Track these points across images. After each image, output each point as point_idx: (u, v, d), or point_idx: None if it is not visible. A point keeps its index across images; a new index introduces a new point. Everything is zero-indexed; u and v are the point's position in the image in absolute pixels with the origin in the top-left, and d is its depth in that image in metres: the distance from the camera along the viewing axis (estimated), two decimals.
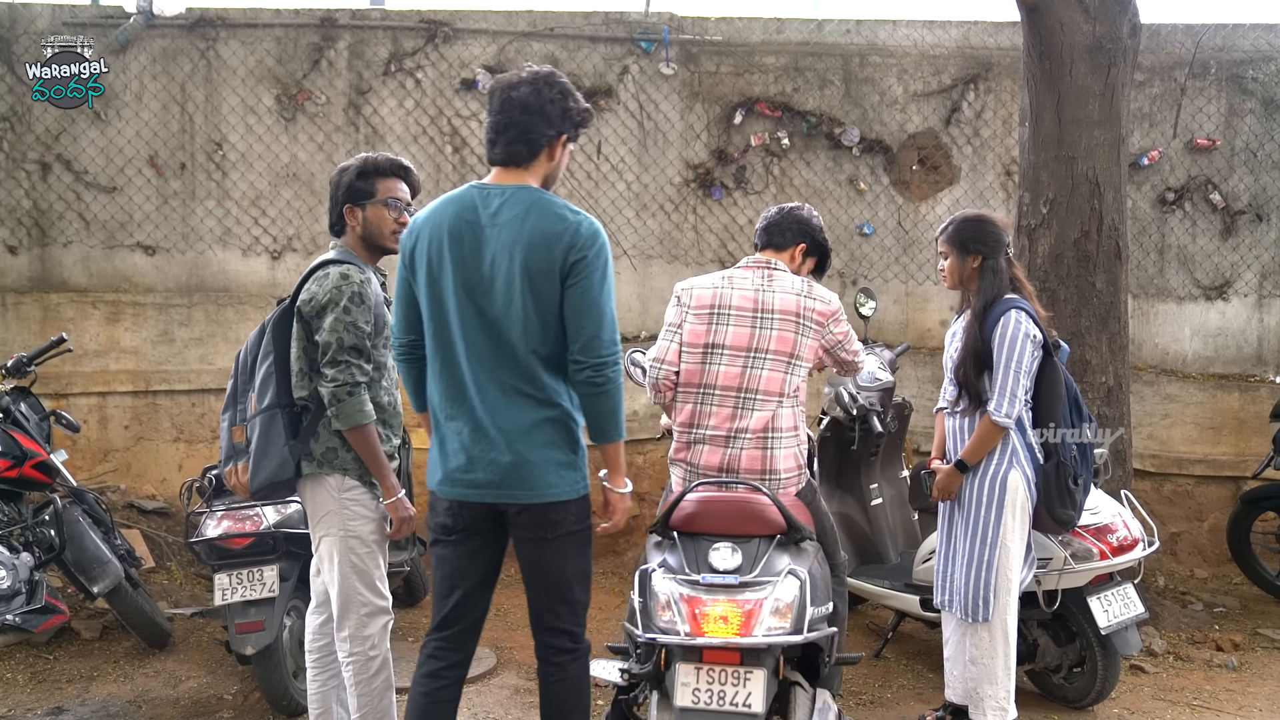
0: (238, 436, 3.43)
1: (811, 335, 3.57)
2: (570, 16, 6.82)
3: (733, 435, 3.49)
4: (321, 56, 6.68)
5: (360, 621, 3.33)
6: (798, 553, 3.17)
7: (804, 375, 3.58)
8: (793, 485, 3.53)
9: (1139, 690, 4.69)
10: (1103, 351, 5.36)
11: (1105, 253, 5.36)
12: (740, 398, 3.51)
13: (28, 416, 4.77)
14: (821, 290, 3.64)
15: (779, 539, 3.16)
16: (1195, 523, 6.71)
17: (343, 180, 3.37)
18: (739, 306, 3.56)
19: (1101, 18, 5.23)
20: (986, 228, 3.90)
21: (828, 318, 3.61)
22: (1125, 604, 4.28)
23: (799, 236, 3.75)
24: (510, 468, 2.87)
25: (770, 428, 3.48)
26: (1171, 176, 7.02)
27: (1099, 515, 4.24)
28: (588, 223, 2.83)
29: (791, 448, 3.53)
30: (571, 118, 2.91)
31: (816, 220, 3.81)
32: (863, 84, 6.95)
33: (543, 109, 2.84)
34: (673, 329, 3.64)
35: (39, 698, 4.48)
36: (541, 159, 2.91)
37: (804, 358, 3.56)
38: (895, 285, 7.03)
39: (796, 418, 3.56)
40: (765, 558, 3.08)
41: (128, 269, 6.64)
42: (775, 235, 3.75)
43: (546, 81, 2.87)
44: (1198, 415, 6.84)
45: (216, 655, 4.90)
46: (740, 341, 3.54)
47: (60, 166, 6.55)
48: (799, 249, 3.74)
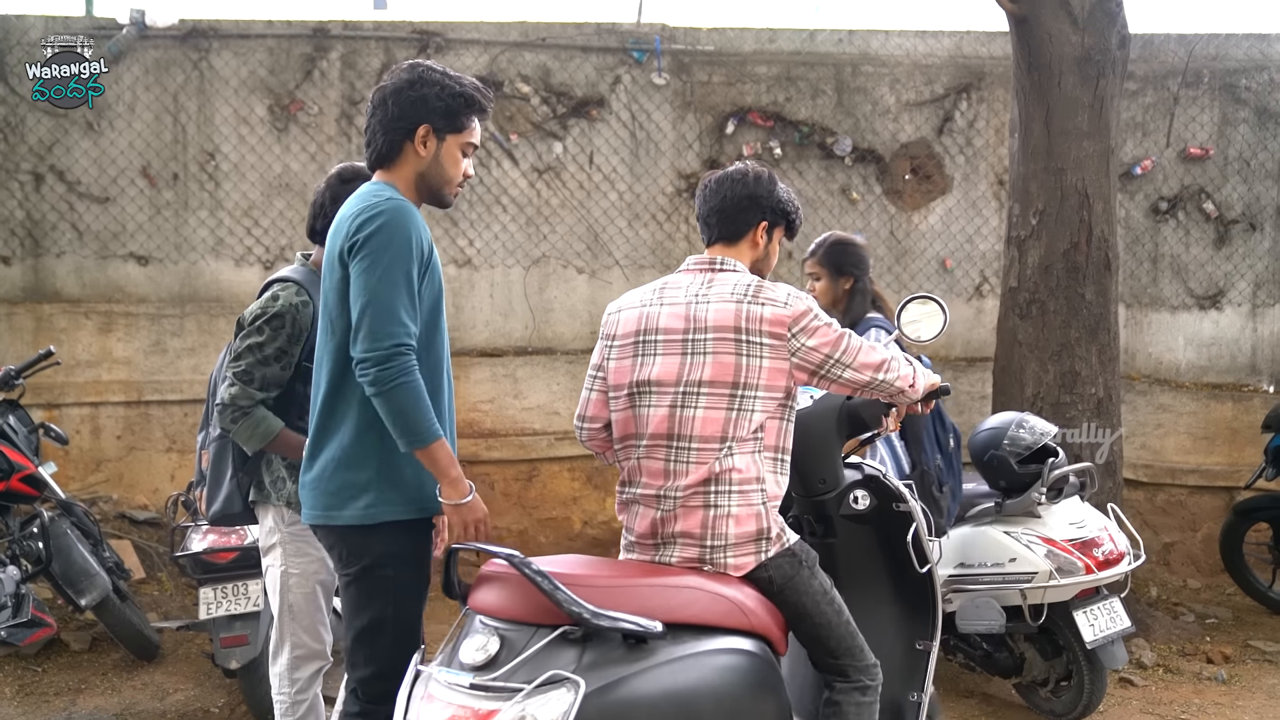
0: (205, 461, 3.39)
1: (766, 354, 2.65)
2: (562, 27, 6.83)
3: (662, 494, 2.68)
4: (314, 67, 6.69)
5: (292, 662, 3.19)
6: (609, 653, 2.31)
7: (773, 408, 2.68)
8: (748, 554, 2.64)
9: (1127, 703, 4.68)
10: (1092, 363, 5.36)
11: (1095, 264, 5.36)
12: (671, 447, 2.67)
13: (16, 430, 4.77)
14: (776, 289, 2.70)
15: (566, 631, 2.30)
16: (1189, 533, 6.71)
17: (329, 190, 3.18)
18: (667, 328, 2.74)
19: (1090, 29, 5.24)
20: (859, 251, 4.07)
21: (788, 325, 2.65)
22: (1111, 618, 4.27)
23: (754, 214, 2.87)
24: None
25: (712, 480, 2.63)
26: (1165, 186, 7.02)
27: (1085, 529, 4.24)
28: (376, 205, 2.53)
29: (751, 505, 2.64)
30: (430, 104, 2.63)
31: (765, 178, 2.90)
32: (855, 94, 6.95)
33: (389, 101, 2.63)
34: (593, 374, 2.92)
35: (26, 710, 4.49)
36: (405, 157, 2.66)
37: (759, 385, 2.65)
38: (888, 295, 6.97)
39: (760, 466, 2.67)
40: (528, 653, 2.27)
41: (120, 279, 6.65)
42: (724, 224, 2.89)
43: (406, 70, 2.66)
44: (1191, 425, 6.83)
45: (204, 668, 4.90)
46: (669, 374, 2.70)
47: (53, 177, 6.56)
48: (760, 229, 2.89)
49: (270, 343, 3.07)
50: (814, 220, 6.94)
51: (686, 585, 2.54)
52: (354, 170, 3.21)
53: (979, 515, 4.36)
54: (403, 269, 2.48)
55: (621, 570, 2.62)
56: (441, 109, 2.63)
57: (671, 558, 2.66)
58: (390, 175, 2.67)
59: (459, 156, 2.71)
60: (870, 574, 3.19)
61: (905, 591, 3.18)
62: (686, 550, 2.65)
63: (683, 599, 2.49)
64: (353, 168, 3.23)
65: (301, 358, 3.11)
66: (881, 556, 3.17)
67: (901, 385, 2.78)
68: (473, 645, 2.32)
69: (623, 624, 2.30)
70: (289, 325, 3.08)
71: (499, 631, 2.34)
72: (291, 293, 3.13)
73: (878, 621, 3.11)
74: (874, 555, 3.18)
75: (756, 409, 2.65)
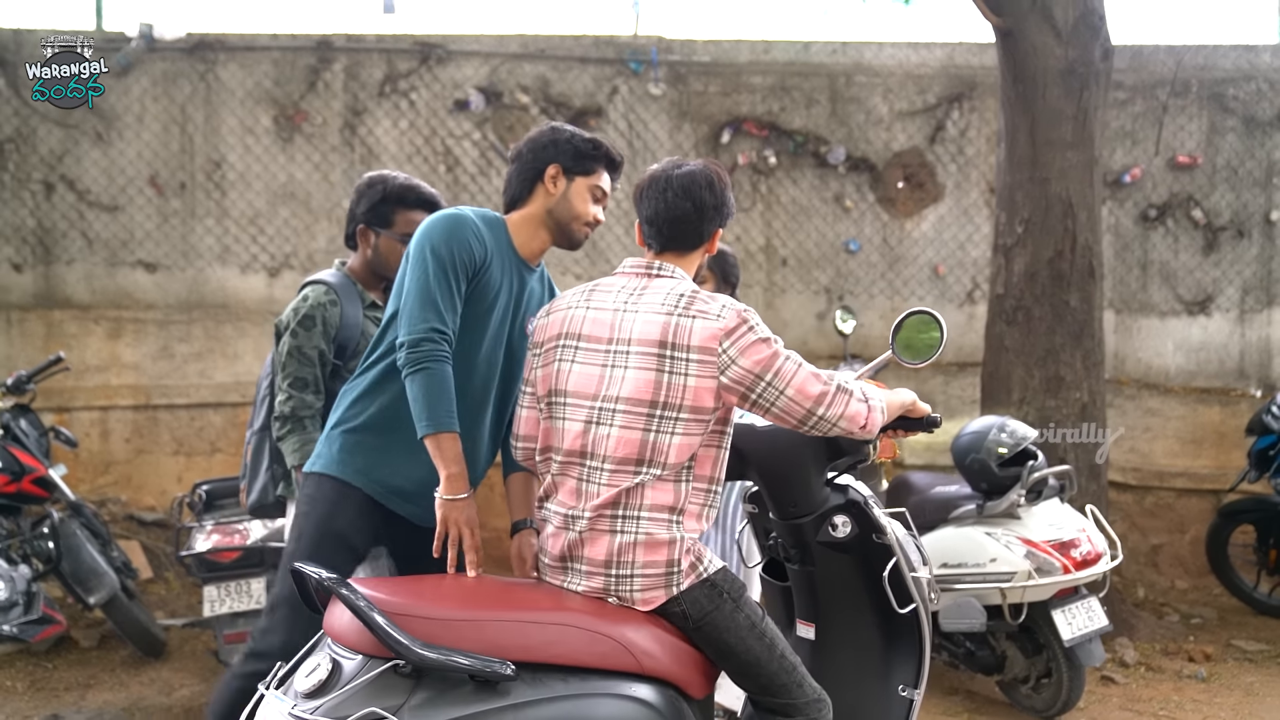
0: (248, 455, 3.53)
1: (692, 371, 2.42)
2: (561, 39, 6.97)
3: (572, 515, 2.49)
4: (318, 78, 6.83)
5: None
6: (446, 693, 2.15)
7: (700, 432, 2.46)
8: (657, 588, 2.42)
9: (1107, 700, 4.79)
10: (1077, 368, 5.48)
11: (1079, 271, 5.48)
12: (584, 465, 2.49)
13: (27, 433, 4.92)
14: (711, 300, 2.48)
15: (396, 665, 2.15)
16: (1176, 535, 6.81)
17: (364, 199, 3.37)
18: (590, 335, 2.55)
19: (1074, 42, 5.36)
20: (735, 261, 4.25)
21: (719, 338, 2.43)
22: (1089, 617, 4.38)
23: (708, 222, 2.63)
24: None
25: (622, 504, 2.43)
26: (1154, 193, 7.13)
27: (1063, 530, 4.36)
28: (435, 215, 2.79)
29: (663, 534, 2.43)
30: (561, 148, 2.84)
31: (704, 177, 2.61)
32: (849, 103, 7.08)
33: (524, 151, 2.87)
34: (523, 388, 2.71)
35: (37, 705, 4.62)
36: (535, 197, 2.86)
37: (681, 405, 2.42)
38: (881, 301, 7.15)
39: (683, 495, 2.46)
40: (351, 686, 2.14)
41: (129, 286, 6.80)
42: (675, 234, 2.61)
43: (545, 128, 2.89)
44: (1179, 429, 6.94)
45: (209, 665, 5.03)
46: (585, 386, 2.51)
47: (64, 186, 6.72)
48: (715, 241, 2.69)
49: (307, 342, 3.23)
50: (808, 228, 7.08)
51: (557, 622, 2.32)
52: (380, 177, 3.41)
53: (961, 517, 4.48)
54: (438, 265, 2.63)
55: (486, 601, 2.40)
56: (571, 151, 2.82)
57: (578, 585, 2.47)
58: (519, 214, 2.87)
59: (587, 197, 2.85)
60: (852, 608, 2.93)
61: (891, 630, 2.90)
62: (592, 580, 2.45)
63: (548, 636, 2.29)
64: (379, 175, 3.43)
65: (333, 356, 3.29)
66: (865, 589, 2.89)
67: (848, 425, 2.46)
68: (306, 669, 2.22)
69: (453, 661, 2.12)
70: (320, 324, 3.25)
71: (336, 657, 2.21)
72: (320, 292, 3.30)
73: (858, 660, 2.92)
74: (856, 588, 2.90)
75: (678, 431, 2.42)
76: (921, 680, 2.88)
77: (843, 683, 2.84)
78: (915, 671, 2.88)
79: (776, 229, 7.09)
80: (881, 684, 2.89)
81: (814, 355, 6.97)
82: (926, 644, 2.88)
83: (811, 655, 2.93)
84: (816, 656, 2.93)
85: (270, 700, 2.22)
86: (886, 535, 2.83)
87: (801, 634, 2.99)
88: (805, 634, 2.98)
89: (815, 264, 7.13)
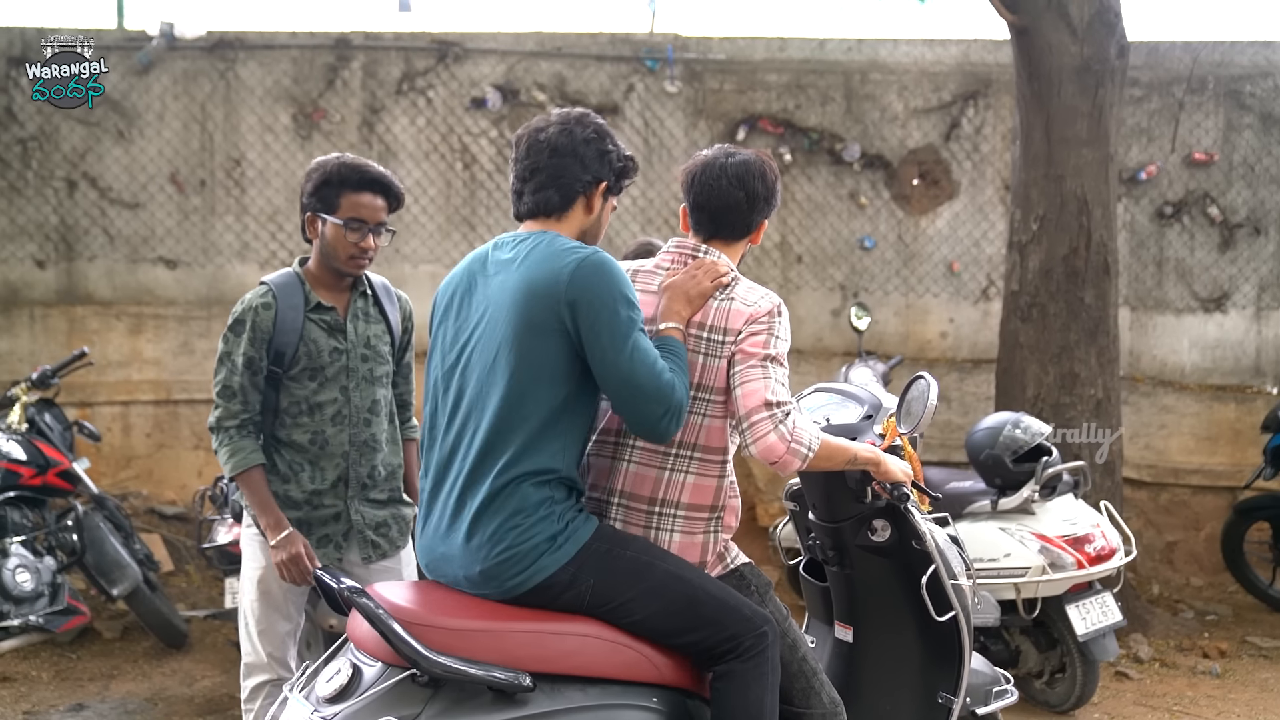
0: None
1: (726, 354, 2.50)
2: (577, 37, 7.00)
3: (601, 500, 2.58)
4: (336, 76, 6.89)
5: (243, 669, 3.14)
6: (463, 703, 2.18)
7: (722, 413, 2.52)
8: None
9: (1121, 695, 4.81)
10: (1091, 365, 5.49)
11: (1094, 268, 5.49)
12: (618, 445, 2.57)
13: (51, 427, 4.99)
14: (753, 289, 2.58)
15: (414, 675, 2.17)
16: (1192, 531, 6.81)
17: (307, 184, 3.00)
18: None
19: (1089, 40, 5.37)
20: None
21: (748, 321, 2.51)
22: (1103, 612, 4.41)
23: (757, 212, 2.64)
24: None
25: (658, 498, 2.52)
26: (1170, 190, 7.13)
27: (1077, 526, 4.39)
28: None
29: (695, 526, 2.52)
30: (610, 163, 2.49)
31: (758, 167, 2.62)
32: (864, 101, 7.09)
33: (575, 150, 2.44)
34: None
35: (61, 695, 4.70)
36: (577, 209, 2.49)
37: (713, 388, 2.50)
38: (896, 298, 7.16)
39: (719, 491, 2.54)
40: (370, 693, 2.17)
41: (150, 282, 6.87)
42: (724, 222, 2.61)
43: (579, 121, 2.48)
44: (1194, 426, 6.94)
45: (230, 655, 5.09)
46: None
47: (86, 184, 6.79)
48: (760, 231, 2.72)
49: (235, 348, 2.97)
50: (823, 225, 7.10)
51: (577, 632, 2.31)
52: (322, 160, 3.06)
53: (975, 512, 4.51)
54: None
55: (505, 611, 2.33)
56: (620, 170, 2.52)
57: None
58: (554, 225, 2.48)
59: (608, 216, 2.59)
60: (891, 612, 2.92)
61: (930, 636, 2.86)
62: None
63: (567, 647, 2.29)
64: (323, 158, 3.07)
65: (270, 363, 2.99)
66: (903, 594, 2.87)
67: (759, 453, 2.35)
68: (327, 674, 2.25)
69: (468, 672, 2.14)
70: (249, 328, 2.96)
71: (357, 664, 2.24)
72: (256, 294, 3.02)
73: (895, 665, 2.91)
74: (894, 593, 2.89)
75: (708, 414, 2.46)
76: (960, 688, 2.84)
77: (879, 687, 2.86)
78: (955, 679, 2.85)
79: (792, 226, 7.11)
80: (919, 690, 2.88)
81: (829, 352, 7.01)
82: (967, 652, 2.84)
83: (849, 657, 2.96)
84: (854, 659, 2.96)
85: (293, 703, 2.26)
86: (926, 541, 2.80)
87: (839, 635, 3.01)
88: (843, 636, 3.00)
89: (830, 261, 7.15)
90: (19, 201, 6.74)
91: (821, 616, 3.13)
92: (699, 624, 2.37)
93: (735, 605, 2.40)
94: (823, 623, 3.12)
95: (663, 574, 2.37)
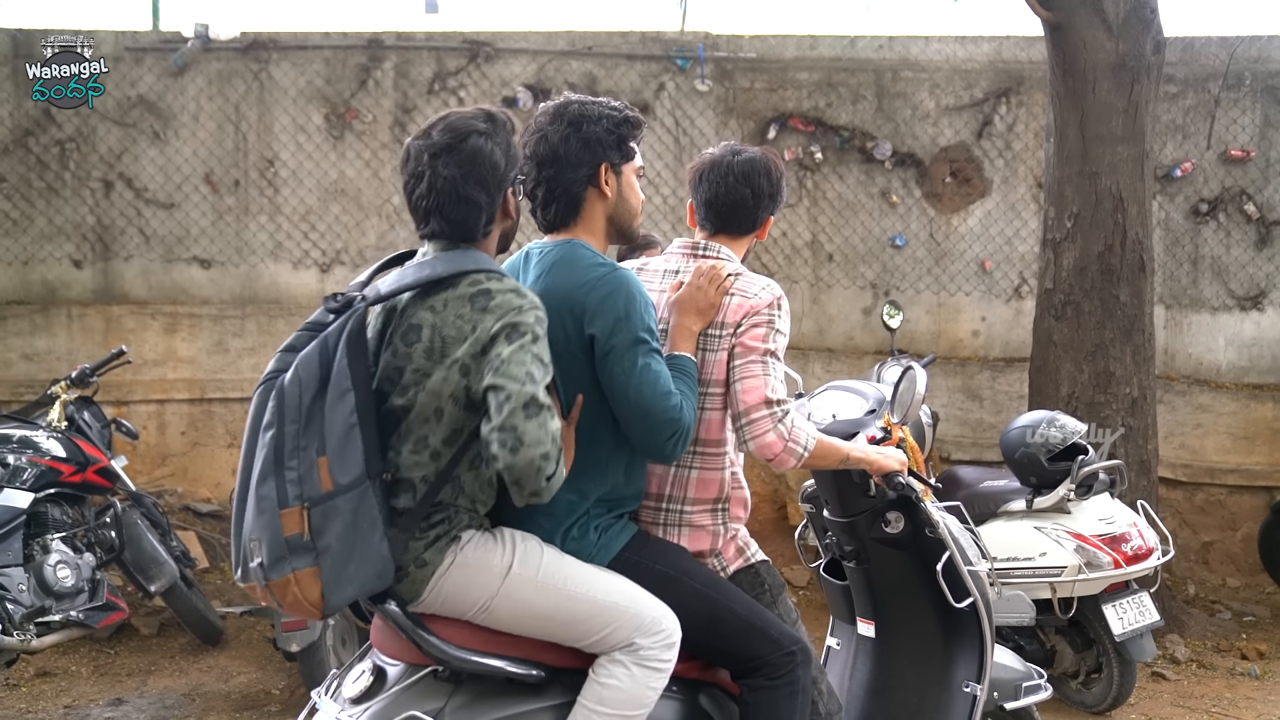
0: None
1: (724, 348, 2.50)
2: (608, 36, 7.01)
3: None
4: (368, 76, 6.93)
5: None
6: (484, 697, 2.23)
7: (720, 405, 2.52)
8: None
9: (1158, 697, 4.78)
10: (1127, 363, 5.45)
11: (1129, 266, 5.45)
12: None
13: (90, 424, 5.04)
14: (753, 281, 2.55)
15: (435, 670, 2.24)
16: (1228, 532, 6.75)
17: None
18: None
19: (1125, 35, 5.33)
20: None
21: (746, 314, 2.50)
22: (1140, 612, 4.37)
23: (763, 209, 2.67)
24: None
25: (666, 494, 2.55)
26: (1205, 188, 7.06)
27: (1114, 525, 4.35)
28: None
29: (706, 521, 2.55)
30: (603, 141, 2.39)
31: (763, 165, 2.65)
32: (895, 98, 7.06)
33: (558, 156, 2.38)
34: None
35: (101, 690, 4.75)
36: (591, 205, 2.43)
37: (710, 381, 2.51)
38: (927, 296, 7.13)
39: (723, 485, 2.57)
40: (391, 691, 2.22)
41: (185, 282, 6.94)
42: (731, 218, 2.65)
43: (552, 121, 2.40)
44: (1231, 425, 6.87)
45: (266, 652, 5.14)
46: None
47: (122, 184, 6.86)
48: (767, 227, 2.73)
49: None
50: (854, 223, 7.07)
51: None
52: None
53: (1010, 511, 4.48)
54: None
55: None
56: (614, 141, 2.41)
57: None
58: (577, 232, 2.44)
59: (635, 183, 2.50)
60: (910, 604, 2.94)
61: (951, 625, 2.88)
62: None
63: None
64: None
65: None
66: (921, 585, 2.89)
67: (756, 450, 2.39)
68: (353, 676, 2.31)
69: (488, 665, 2.20)
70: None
71: (380, 666, 2.29)
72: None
73: (919, 656, 2.92)
74: (912, 583, 2.92)
75: (708, 407, 2.48)
76: (984, 675, 2.86)
77: (905, 681, 2.88)
78: (978, 666, 2.87)
79: (823, 224, 7.09)
80: (944, 680, 2.89)
81: (860, 350, 6.99)
82: (988, 638, 2.86)
83: (873, 653, 2.98)
84: (878, 654, 2.98)
85: (322, 706, 2.31)
86: (939, 529, 2.83)
87: (862, 632, 3.04)
88: (866, 632, 3.03)
89: (861, 259, 7.13)
90: (56, 202, 6.82)
91: (844, 616, 3.16)
92: (719, 642, 2.40)
93: (762, 627, 2.41)
94: (845, 622, 3.15)
95: (689, 591, 2.38)
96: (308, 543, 2.06)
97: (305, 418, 2.08)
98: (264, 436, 2.10)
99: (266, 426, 2.10)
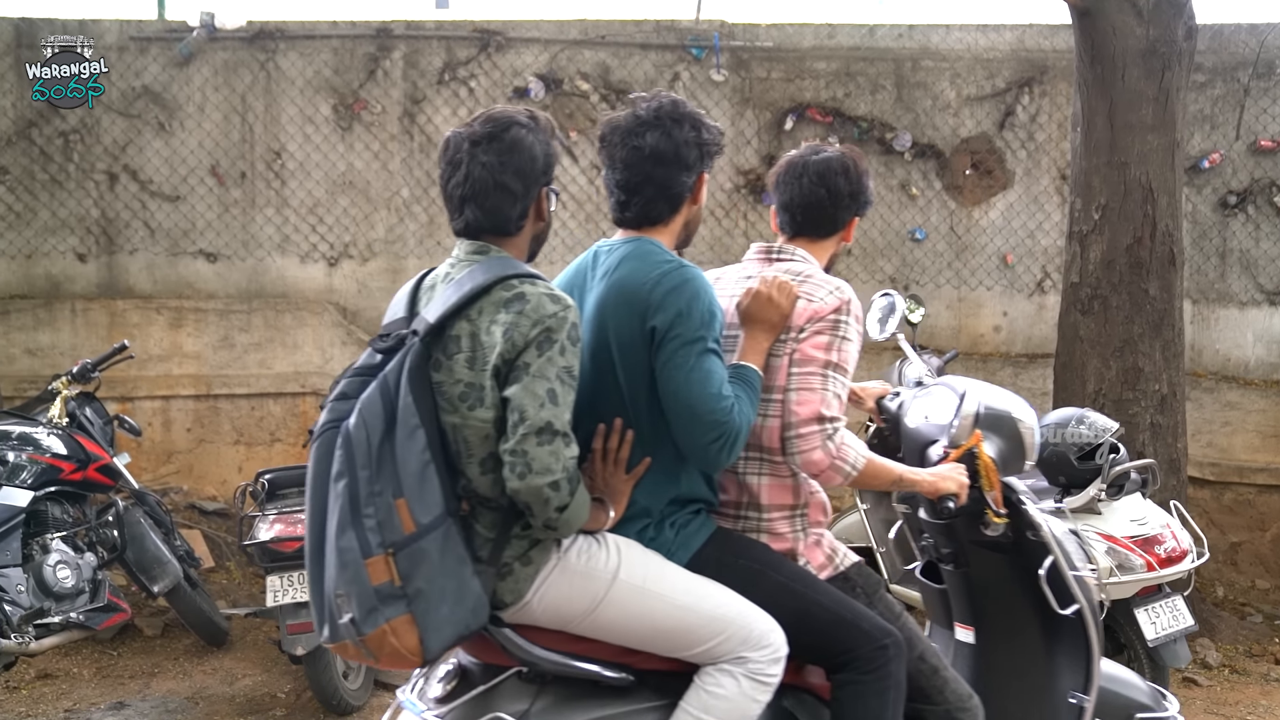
0: None
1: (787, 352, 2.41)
2: (621, 24, 6.88)
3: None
4: (377, 67, 6.80)
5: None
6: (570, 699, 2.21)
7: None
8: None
9: (1191, 704, 4.62)
10: (1156, 359, 5.29)
11: (1159, 259, 5.29)
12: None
13: (92, 421, 4.93)
14: (823, 284, 2.47)
15: (520, 671, 2.22)
16: (1257, 532, 6.58)
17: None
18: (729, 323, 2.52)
19: (1155, 21, 5.16)
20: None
21: (811, 318, 2.40)
22: (1174, 616, 4.22)
23: (843, 209, 2.58)
24: None
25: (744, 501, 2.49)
26: (1234, 179, 6.89)
27: (1146, 526, 4.19)
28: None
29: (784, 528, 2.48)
30: (708, 152, 2.38)
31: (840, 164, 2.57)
32: (915, 88, 6.91)
33: (679, 156, 2.32)
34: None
35: (102, 692, 4.65)
36: (684, 208, 2.40)
37: (772, 387, 2.40)
38: (948, 290, 6.98)
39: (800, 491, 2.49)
40: (475, 691, 2.20)
41: (190, 276, 6.83)
42: (809, 220, 2.57)
43: (676, 120, 2.33)
44: (1260, 423, 6.71)
45: (271, 654, 5.02)
46: None
47: (127, 177, 6.75)
48: (852, 228, 2.65)
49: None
50: (873, 216, 6.92)
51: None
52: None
53: None
54: None
55: None
56: (714, 151, 2.41)
57: None
58: (659, 231, 2.38)
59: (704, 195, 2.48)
60: (1011, 609, 2.81)
61: (1055, 632, 2.75)
62: None
63: None
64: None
65: None
66: (1022, 590, 2.76)
67: (804, 465, 2.32)
68: (437, 677, 2.29)
69: (573, 666, 2.18)
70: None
71: (466, 667, 2.28)
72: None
73: (1021, 665, 2.80)
74: (1013, 588, 2.79)
75: (769, 414, 2.38)
76: (1092, 686, 2.73)
77: (1005, 688, 2.77)
78: (1085, 676, 2.74)
79: None
80: (1047, 689, 2.77)
81: (879, 345, 6.80)
82: (1095, 647, 2.73)
83: (971, 659, 2.87)
84: (977, 660, 2.87)
85: (406, 706, 2.29)
86: (1042, 531, 2.69)
87: (960, 637, 2.93)
88: (964, 637, 2.92)
89: (880, 253, 6.98)
90: (60, 195, 6.71)
91: (941, 620, 3.04)
92: (809, 636, 2.33)
93: (852, 620, 2.34)
94: (943, 627, 3.03)
95: (774, 585, 2.32)
96: (398, 590, 2.00)
97: (376, 462, 2.01)
98: (335, 487, 2.03)
99: (337, 476, 2.03)
